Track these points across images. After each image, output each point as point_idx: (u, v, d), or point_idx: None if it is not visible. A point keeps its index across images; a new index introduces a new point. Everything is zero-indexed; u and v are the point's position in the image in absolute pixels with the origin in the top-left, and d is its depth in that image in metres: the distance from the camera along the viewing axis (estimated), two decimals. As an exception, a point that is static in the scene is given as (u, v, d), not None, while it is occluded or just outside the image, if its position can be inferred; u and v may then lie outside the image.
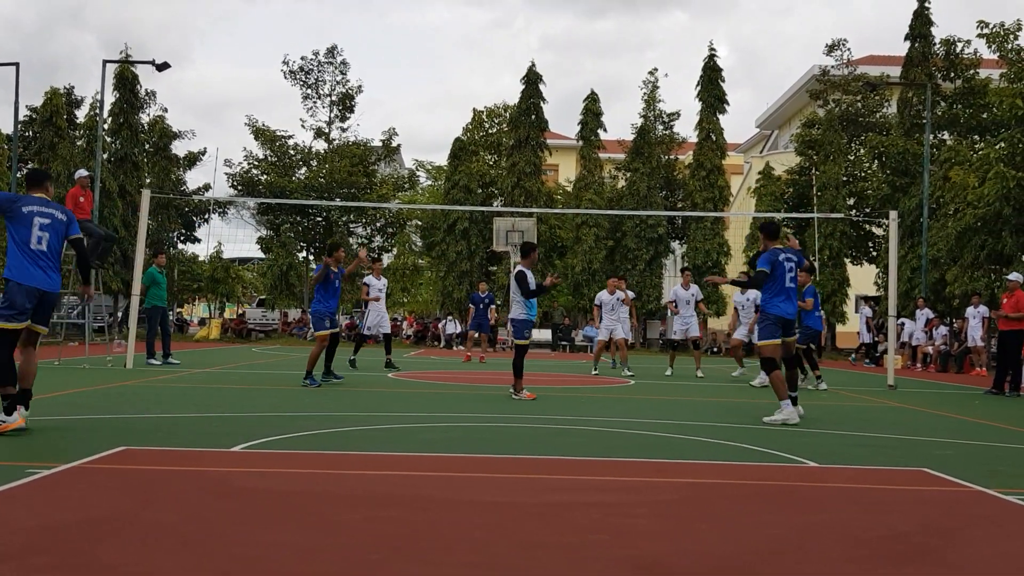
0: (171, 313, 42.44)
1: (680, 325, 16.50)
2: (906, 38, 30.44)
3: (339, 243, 12.88)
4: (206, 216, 37.03)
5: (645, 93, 33.85)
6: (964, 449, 7.33)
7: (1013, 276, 14.07)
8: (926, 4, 30.32)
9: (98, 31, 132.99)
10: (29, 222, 6.66)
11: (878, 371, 20.56)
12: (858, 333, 26.17)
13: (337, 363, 12.92)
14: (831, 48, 34.38)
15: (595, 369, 16.30)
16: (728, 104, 33.15)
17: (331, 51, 36.69)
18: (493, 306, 20.61)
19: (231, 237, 64.93)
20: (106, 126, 31.01)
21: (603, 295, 16.49)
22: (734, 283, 11.20)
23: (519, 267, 10.93)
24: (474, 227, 32.98)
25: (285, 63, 36.78)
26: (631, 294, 17.32)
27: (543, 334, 31.21)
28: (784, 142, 46.59)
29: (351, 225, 37.17)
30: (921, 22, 30.20)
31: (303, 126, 37.68)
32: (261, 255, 39.47)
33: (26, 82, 78.02)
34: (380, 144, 38.06)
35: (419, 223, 38.41)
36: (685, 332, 16.40)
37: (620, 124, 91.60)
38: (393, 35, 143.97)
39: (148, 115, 34.75)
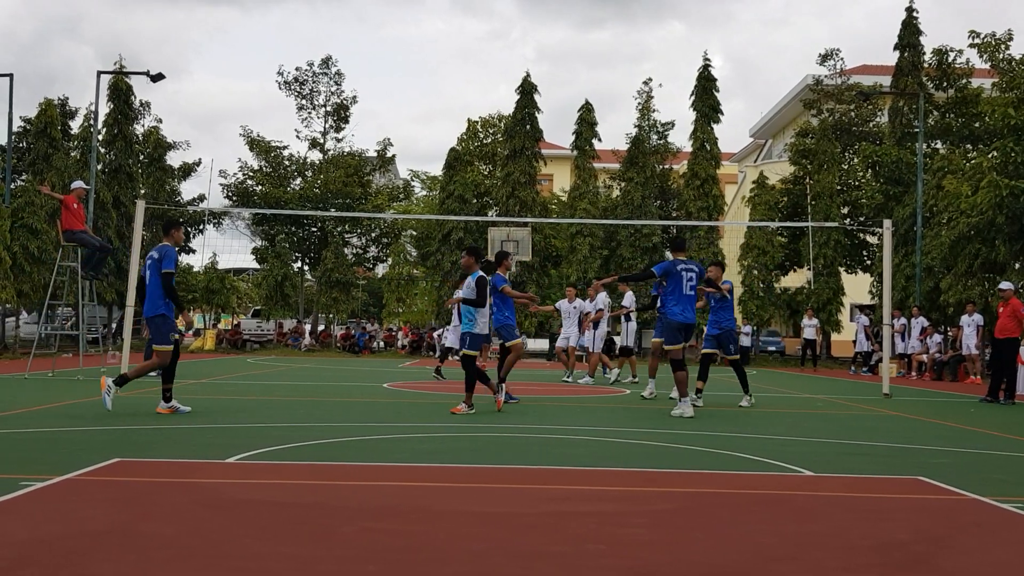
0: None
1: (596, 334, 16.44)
2: (895, 48, 30.62)
3: (508, 251, 12.66)
4: (201, 227, 36.98)
5: (640, 103, 33.96)
6: (959, 457, 7.34)
7: (1005, 285, 14.21)
8: (914, 14, 30.53)
9: (95, 43, 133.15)
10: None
11: (873, 380, 20.59)
12: (854, 342, 26.20)
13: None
14: (824, 58, 34.53)
15: (567, 376, 16.33)
16: (722, 114, 33.24)
17: (325, 62, 36.73)
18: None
19: (226, 248, 64.97)
20: (100, 137, 30.99)
21: (562, 303, 16.94)
22: (623, 279, 11.85)
23: (493, 273, 10.38)
24: (469, 237, 32.99)
25: (280, 74, 36.82)
26: (590, 304, 16.85)
27: (539, 344, 31.19)
28: (778, 151, 46.75)
29: (346, 235, 37.17)
30: (910, 32, 30.39)
31: (298, 137, 37.69)
32: (256, 265, 39.43)
33: (22, 94, 78.36)
34: (375, 154, 38.08)
35: (414, 233, 38.42)
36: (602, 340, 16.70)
37: (616, 134, 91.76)
38: (388, 46, 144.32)
39: (143, 126, 34.76)
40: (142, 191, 32.97)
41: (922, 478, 5.97)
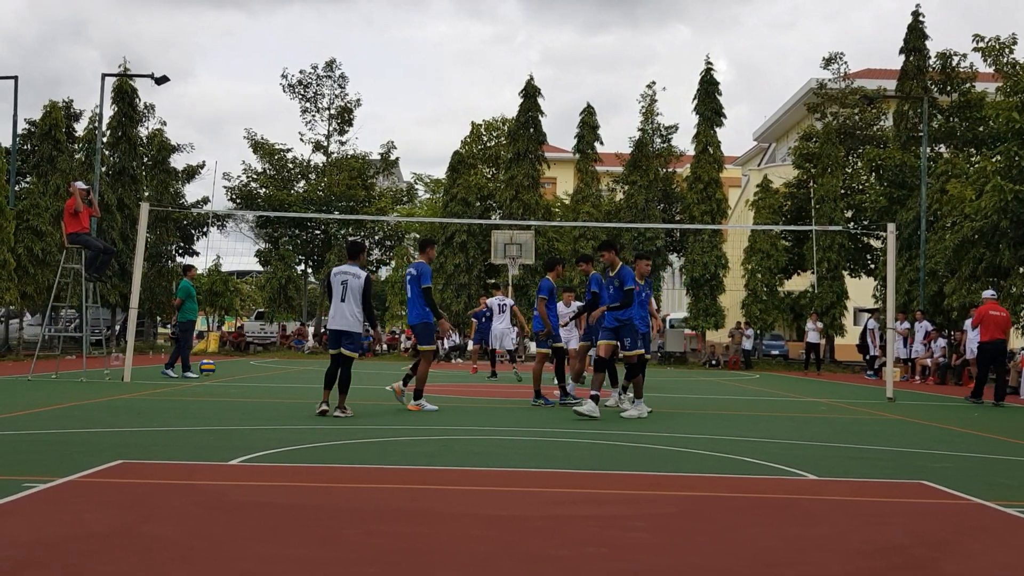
0: (169, 326, 42.43)
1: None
2: (901, 51, 30.61)
3: (559, 259, 12.76)
4: (205, 229, 37.05)
5: (643, 106, 33.97)
6: (963, 461, 7.33)
7: (985, 293, 14.89)
8: (920, 18, 30.52)
9: (101, 47, 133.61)
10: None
11: (877, 383, 20.55)
12: (858, 346, 26.14)
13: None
14: (828, 62, 34.51)
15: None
16: (725, 117, 33.23)
17: (329, 65, 36.82)
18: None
19: (230, 250, 65.12)
20: (105, 139, 31.04)
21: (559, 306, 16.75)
22: (611, 309, 10.34)
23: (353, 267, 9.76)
24: (472, 240, 33.01)
25: (284, 77, 36.93)
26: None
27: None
28: (782, 155, 46.73)
29: (349, 238, 37.22)
30: (915, 36, 30.37)
31: (302, 140, 37.86)
32: (260, 268, 39.47)
33: (28, 97, 78.82)
34: (379, 157, 38.13)
35: (417, 236, 38.47)
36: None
37: (622, 137, 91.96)
38: (394, 50, 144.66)
39: (147, 128, 34.82)
40: (146, 193, 33.02)
41: (925, 482, 5.95)
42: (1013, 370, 18.27)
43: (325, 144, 37.20)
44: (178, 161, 36.48)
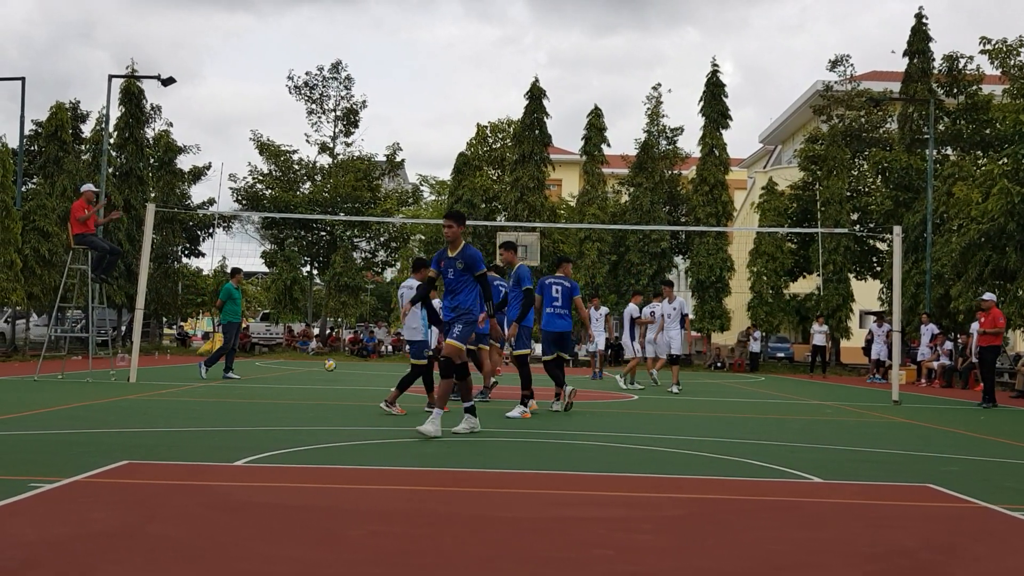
0: (175, 327, 42.53)
1: (663, 339, 16.39)
2: (905, 54, 30.57)
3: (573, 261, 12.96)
4: (210, 230, 37.12)
5: (649, 108, 33.98)
6: (969, 465, 7.30)
7: (987, 296, 14.79)
8: (924, 20, 30.48)
9: (110, 48, 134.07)
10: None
11: (883, 387, 20.50)
12: (864, 349, 26.06)
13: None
14: (834, 64, 34.49)
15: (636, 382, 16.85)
16: (731, 119, 33.26)
17: (335, 67, 36.85)
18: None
19: (235, 251, 65.39)
20: (111, 140, 31.12)
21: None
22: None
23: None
24: (477, 242, 32.98)
25: (290, 78, 36.98)
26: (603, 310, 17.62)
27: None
28: (787, 157, 46.66)
29: (355, 239, 37.25)
30: (919, 38, 30.33)
31: (308, 141, 37.95)
32: (265, 269, 39.50)
33: (37, 98, 79.03)
34: (384, 159, 38.17)
35: (422, 238, 38.49)
36: (668, 347, 16.18)
37: (628, 139, 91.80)
38: (402, 52, 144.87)
39: (153, 130, 34.91)
40: (152, 194, 33.10)
41: (932, 486, 5.93)
42: (1020, 375, 18.20)
43: (331, 145, 37.25)
44: (184, 162, 36.59)
